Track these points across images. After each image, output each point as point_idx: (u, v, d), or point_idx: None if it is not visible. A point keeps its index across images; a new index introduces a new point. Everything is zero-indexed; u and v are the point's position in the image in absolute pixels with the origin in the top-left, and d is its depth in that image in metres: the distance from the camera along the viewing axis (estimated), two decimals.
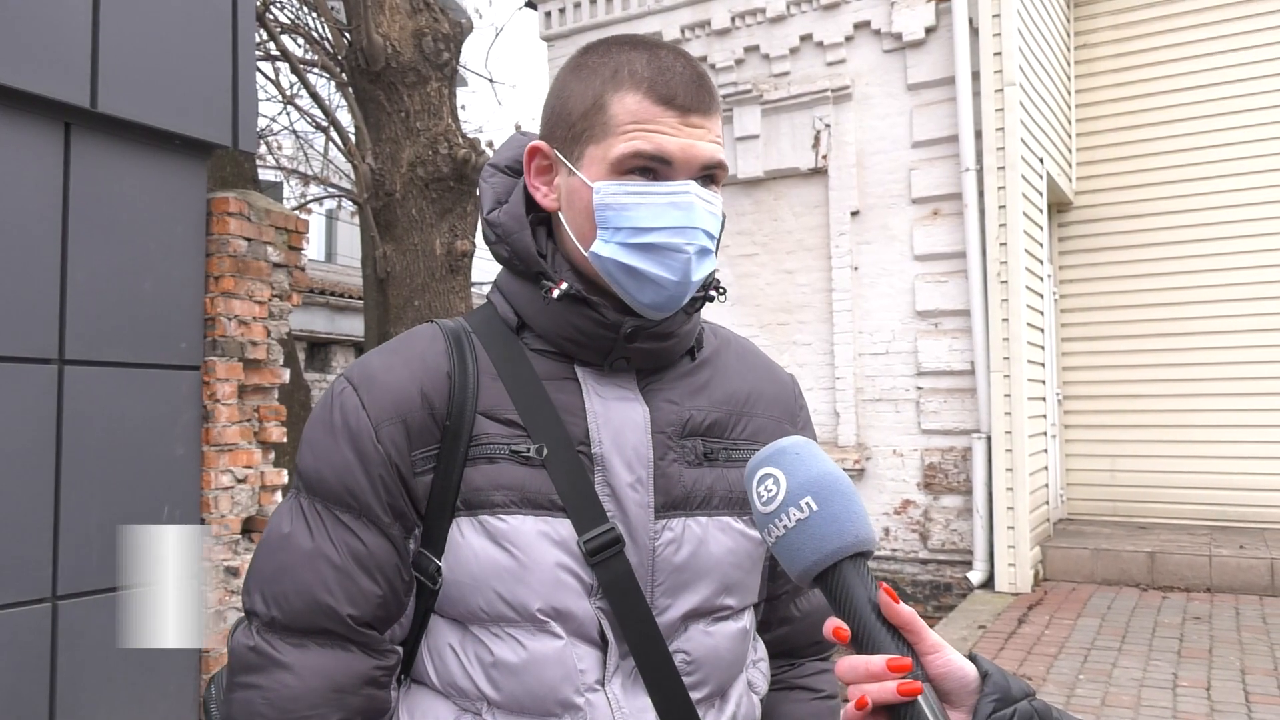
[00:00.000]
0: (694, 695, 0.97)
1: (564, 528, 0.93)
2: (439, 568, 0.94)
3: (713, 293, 1.04)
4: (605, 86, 0.95)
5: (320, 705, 0.91)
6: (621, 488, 0.96)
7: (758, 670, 1.08)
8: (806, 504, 0.75)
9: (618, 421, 0.98)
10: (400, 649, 0.97)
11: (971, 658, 0.74)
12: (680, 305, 0.97)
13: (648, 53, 0.96)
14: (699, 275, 0.96)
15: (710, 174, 0.97)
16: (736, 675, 1.03)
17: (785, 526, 0.75)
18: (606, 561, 0.93)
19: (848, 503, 0.75)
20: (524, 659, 0.91)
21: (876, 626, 0.72)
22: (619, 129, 0.93)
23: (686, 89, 0.94)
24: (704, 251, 0.95)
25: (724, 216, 1.01)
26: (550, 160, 1.00)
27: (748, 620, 1.05)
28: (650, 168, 0.93)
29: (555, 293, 0.96)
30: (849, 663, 0.72)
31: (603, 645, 0.94)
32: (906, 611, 0.71)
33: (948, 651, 0.72)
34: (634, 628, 0.94)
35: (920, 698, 0.69)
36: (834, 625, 0.73)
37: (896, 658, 0.70)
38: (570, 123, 0.97)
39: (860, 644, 0.72)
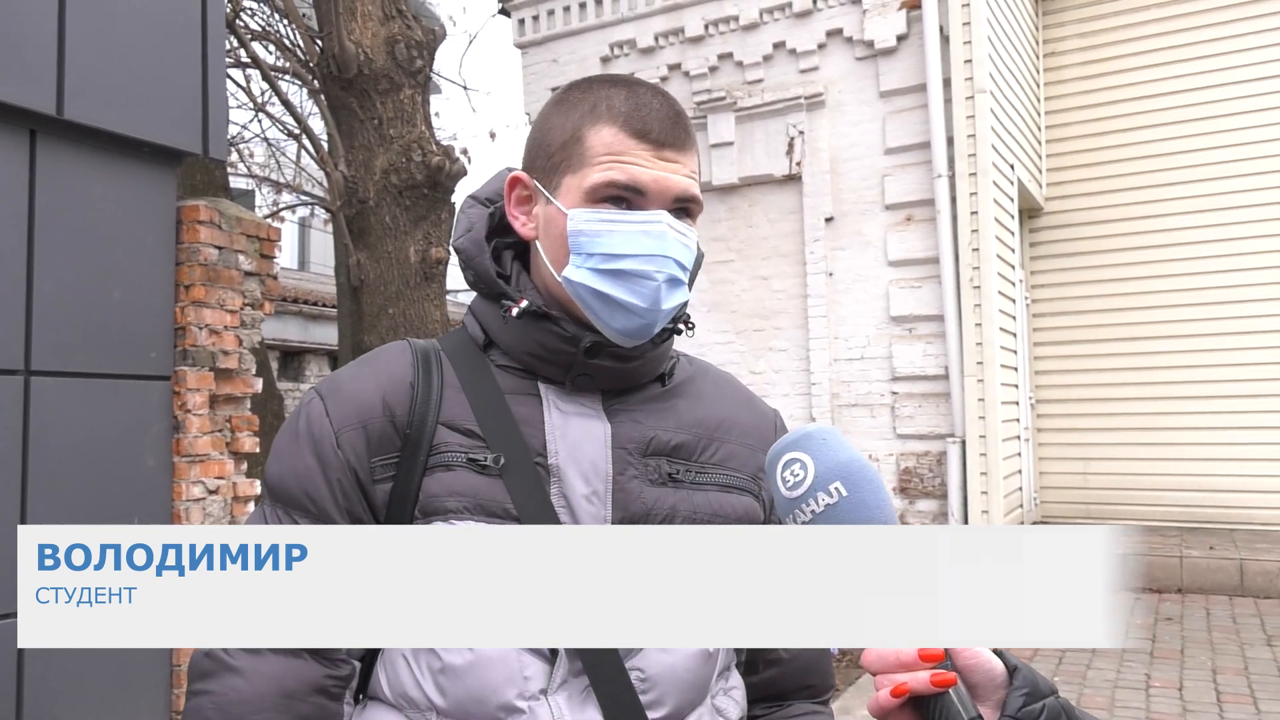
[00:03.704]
0: (650, 715, 0.94)
1: None
2: None
3: (681, 326, 1.05)
4: (583, 120, 0.98)
5: (267, 710, 0.91)
6: (577, 500, 0.97)
7: (730, 698, 1.05)
8: (835, 489, 0.76)
9: (576, 435, 0.99)
10: (357, 664, 0.98)
11: (998, 653, 0.74)
12: (652, 334, 0.99)
13: (626, 89, 0.99)
14: (669, 304, 0.97)
15: (684, 207, 0.99)
16: (698, 699, 0.99)
17: (813, 511, 0.76)
18: None
19: (876, 490, 0.77)
20: (469, 661, 0.91)
21: None
22: (594, 159, 0.96)
23: (661, 124, 0.97)
24: (675, 281, 0.97)
25: (700, 254, 1.02)
26: (530, 190, 1.03)
27: None
28: (624, 197, 0.96)
29: (514, 310, 0.99)
30: (878, 652, 0.72)
31: (550, 658, 0.93)
32: None
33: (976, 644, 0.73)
34: None
35: (951, 689, 0.70)
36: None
37: (929, 648, 0.71)
38: (549, 154, 1.00)
39: None
